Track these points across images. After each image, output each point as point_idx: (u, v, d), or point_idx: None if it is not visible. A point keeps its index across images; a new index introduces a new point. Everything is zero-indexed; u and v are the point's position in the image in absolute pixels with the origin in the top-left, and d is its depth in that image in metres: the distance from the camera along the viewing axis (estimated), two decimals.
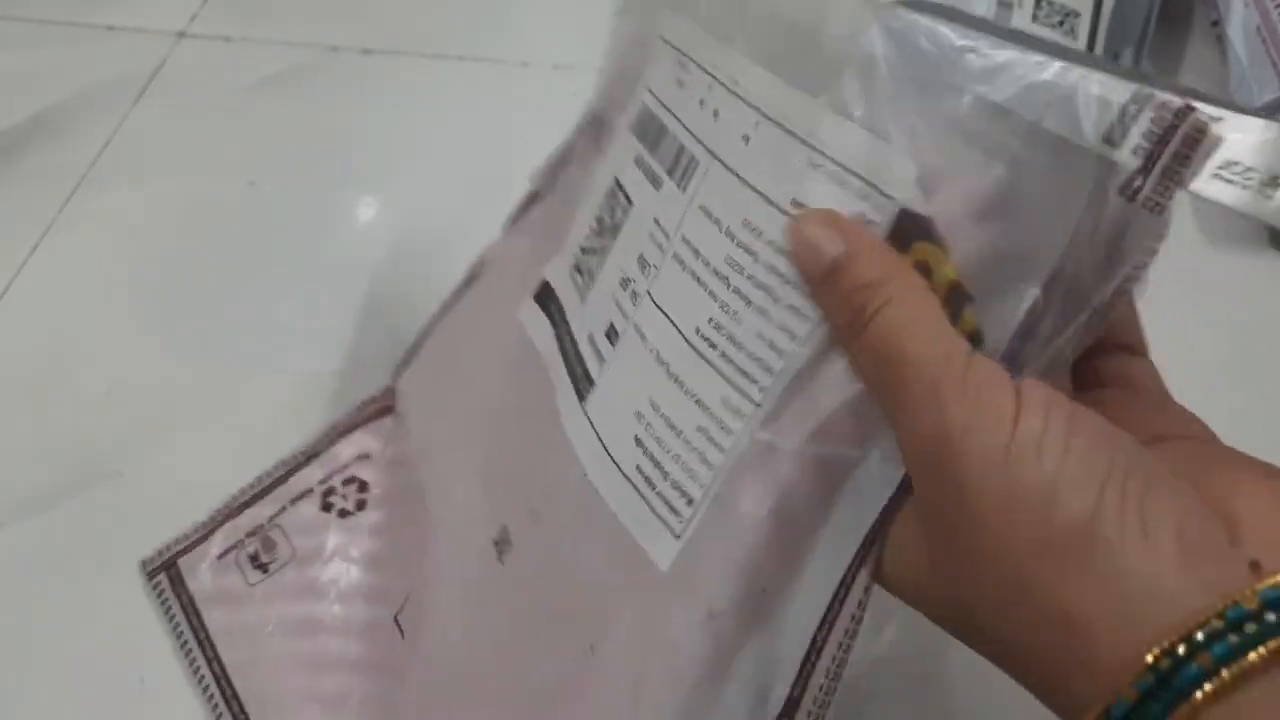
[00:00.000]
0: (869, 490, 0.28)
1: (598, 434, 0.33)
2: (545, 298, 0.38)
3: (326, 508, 0.42)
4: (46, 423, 0.48)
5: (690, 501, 0.30)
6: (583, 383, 0.34)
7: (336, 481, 0.43)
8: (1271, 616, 0.20)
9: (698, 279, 0.31)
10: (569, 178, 0.41)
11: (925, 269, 0.26)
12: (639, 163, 0.35)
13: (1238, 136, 0.25)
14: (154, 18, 0.66)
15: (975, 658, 0.25)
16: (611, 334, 0.33)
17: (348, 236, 0.54)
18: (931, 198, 0.26)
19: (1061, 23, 0.48)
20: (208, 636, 0.41)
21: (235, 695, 0.39)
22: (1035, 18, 0.48)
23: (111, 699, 0.40)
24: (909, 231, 0.26)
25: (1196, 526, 0.21)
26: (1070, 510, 0.22)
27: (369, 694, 0.39)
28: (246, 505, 0.43)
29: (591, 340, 0.34)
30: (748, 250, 0.29)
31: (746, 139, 0.30)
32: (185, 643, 0.41)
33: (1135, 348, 0.30)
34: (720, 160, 0.31)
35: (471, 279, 0.43)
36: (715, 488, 0.29)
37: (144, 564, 0.42)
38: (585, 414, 0.33)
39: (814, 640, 0.28)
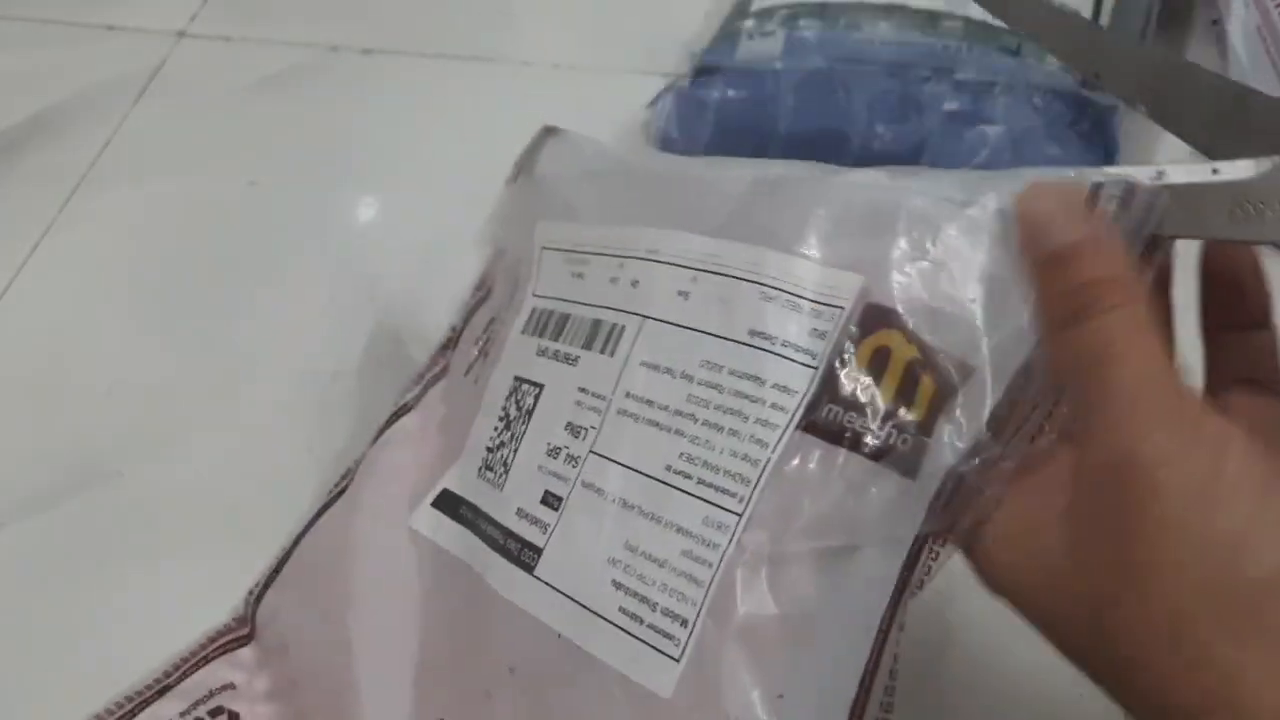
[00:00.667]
0: (873, 579, 0.28)
1: (564, 594, 0.33)
2: (450, 504, 0.38)
3: None
4: (47, 422, 0.48)
5: (684, 623, 0.30)
6: (526, 554, 0.34)
7: (202, 712, 0.39)
8: None
9: (656, 424, 0.32)
10: (438, 394, 0.42)
11: (885, 353, 0.28)
12: (542, 353, 0.37)
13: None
14: (154, 17, 0.66)
15: (977, 657, 0.25)
16: (550, 500, 0.34)
17: (348, 236, 0.54)
18: (882, 294, 0.29)
19: None
20: None
21: None
22: None
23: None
24: (871, 323, 0.29)
25: None
26: (1262, 565, 0.21)
27: None
28: None
29: (523, 514, 0.35)
30: (710, 385, 0.32)
31: (684, 294, 0.33)
32: None
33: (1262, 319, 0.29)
34: (654, 319, 0.34)
35: (337, 494, 0.42)
36: (707, 601, 0.30)
37: None
38: (540, 580, 0.34)
39: None
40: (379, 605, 0.38)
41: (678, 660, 0.30)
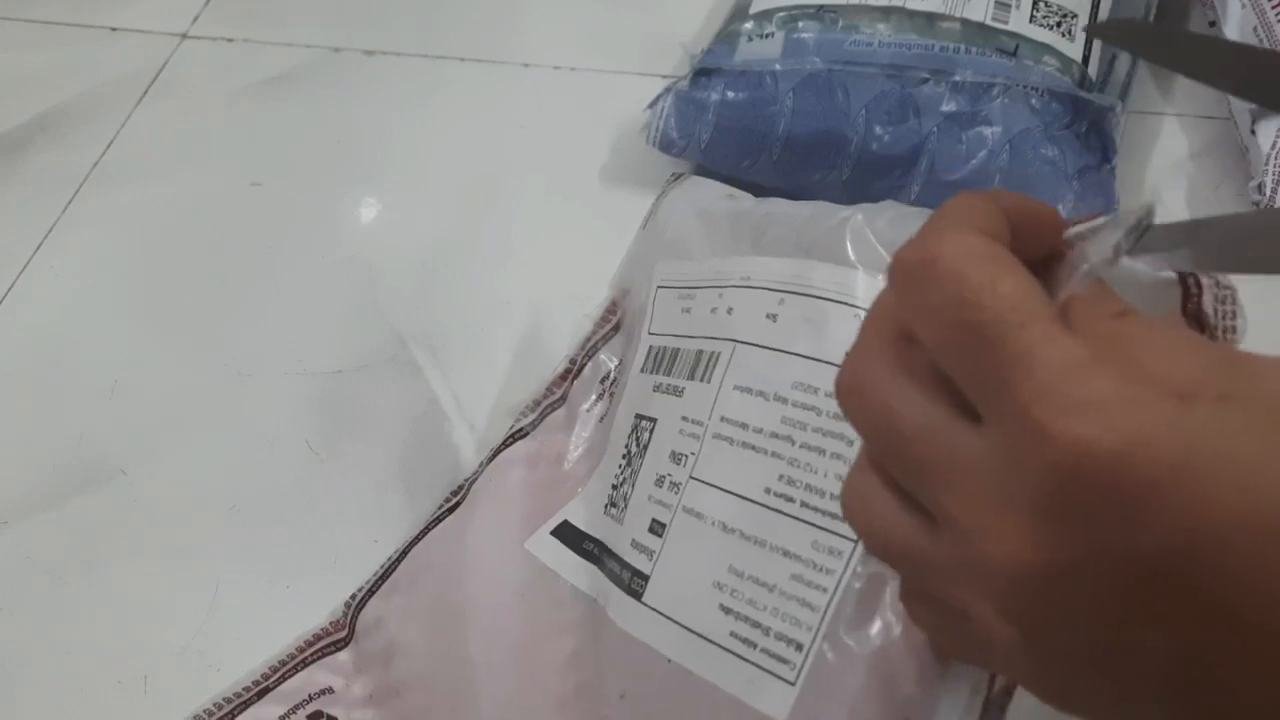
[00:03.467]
0: None
1: (672, 620, 0.33)
2: (573, 537, 0.39)
3: None
4: (50, 422, 0.48)
5: (799, 647, 0.30)
6: (636, 582, 0.35)
7: (301, 716, 0.39)
8: None
9: (752, 447, 0.33)
10: (554, 423, 0.43)
11: None
12: (656, 389, 0.37)
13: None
14: (157, 19, 0.66)
15: None
16: (655, 528, 0.35)
17: (350, 237, 0.55)
18: None
19: (1059, 23, 0.48)
20: None
21: None
22: (1033, 18, 0.48)
23: (115, 699, 0.40)
24: None
25: None
26: None
27: None
28: None
29: (636, 544, 0.35)
30: (805, 407, 0.32)
31: (773, 316, 0.34)
32: None
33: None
34: (745, 343, 0.34)
35: (449, 509, 0.42)
36: (824, 626, 0.30)
37: None
38: (648, 607, 0.34)
39: None
40: (491, 621, 0.39)
41: (793, 684, 0.30)
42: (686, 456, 0.35)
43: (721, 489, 0.33)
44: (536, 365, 0.47)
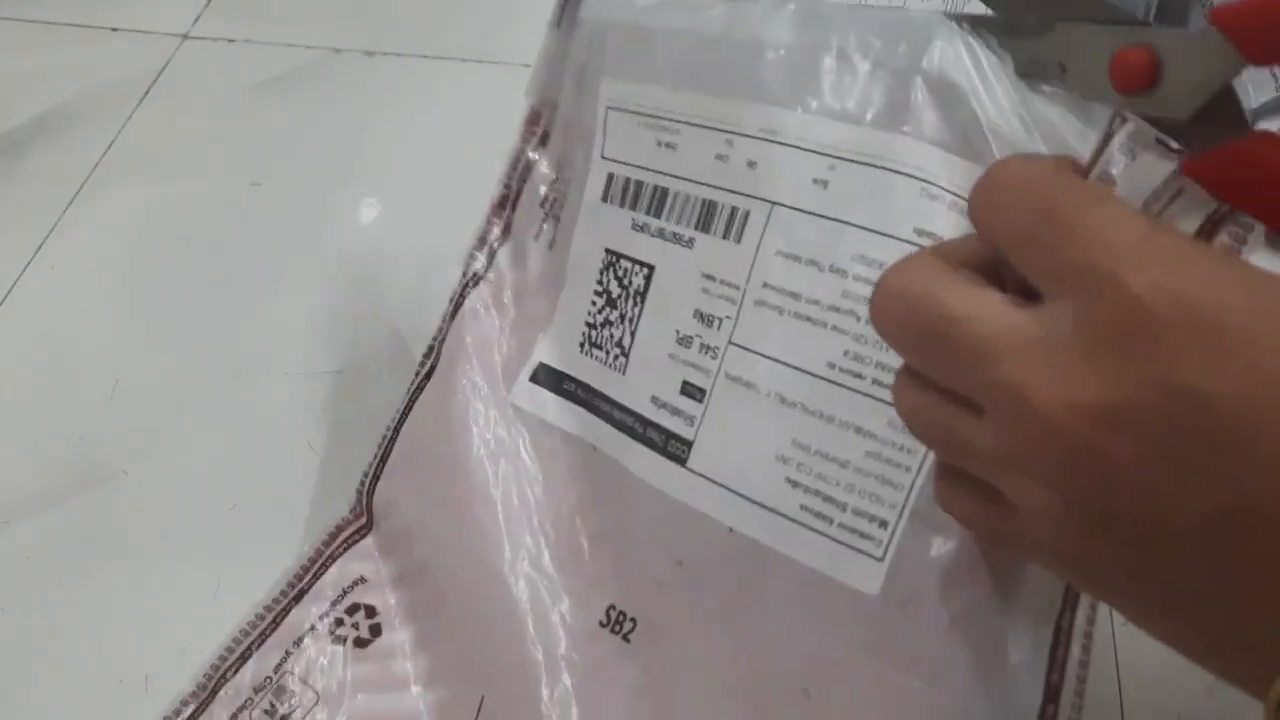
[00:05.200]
0: None
1: (728, 489, 0.32)
2: (551, 379, 0.38)
3: (339, 640, 0.39)
4: (50, 422, 0.48)
5: (883, 524, 0.30)
6: (672, 445, 0.34)
7: (340, 612, 0.39)
8: None
9: (809, 319, 0.31)
10: (505, 258, 0.41)
11: None
12: (640, 229, 0.35)
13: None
14: (158, 19, 0.66)
15: None
16: (691, 391, 0.34)
17: (350, 237, 0.55)
18: None
19: None
20: None
21: None
22: None
23: (116, 699, 0.40)
24: None
25: None
26: None
27: None
28: (242, 661, 0.39)
29: (661, 404, 0.34)
30: (870, 282, 0.30)
31: (822, 183, 0.31)
32: None
33: None
34: (786, 206, 0.32)
35: (425, 376, 0.41)
36: (909, 505, 0.29)
37: None
38: (693, 473, 0.33)
39: (1057, 626, 0.28)
40: (497, 483, 0.38)
41: (881, 560, 0.30)
42: (719, 320, 0.33)
43: (775, 360, 0.32)
44: None
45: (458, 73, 0.61)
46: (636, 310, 0.35)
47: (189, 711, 0.38)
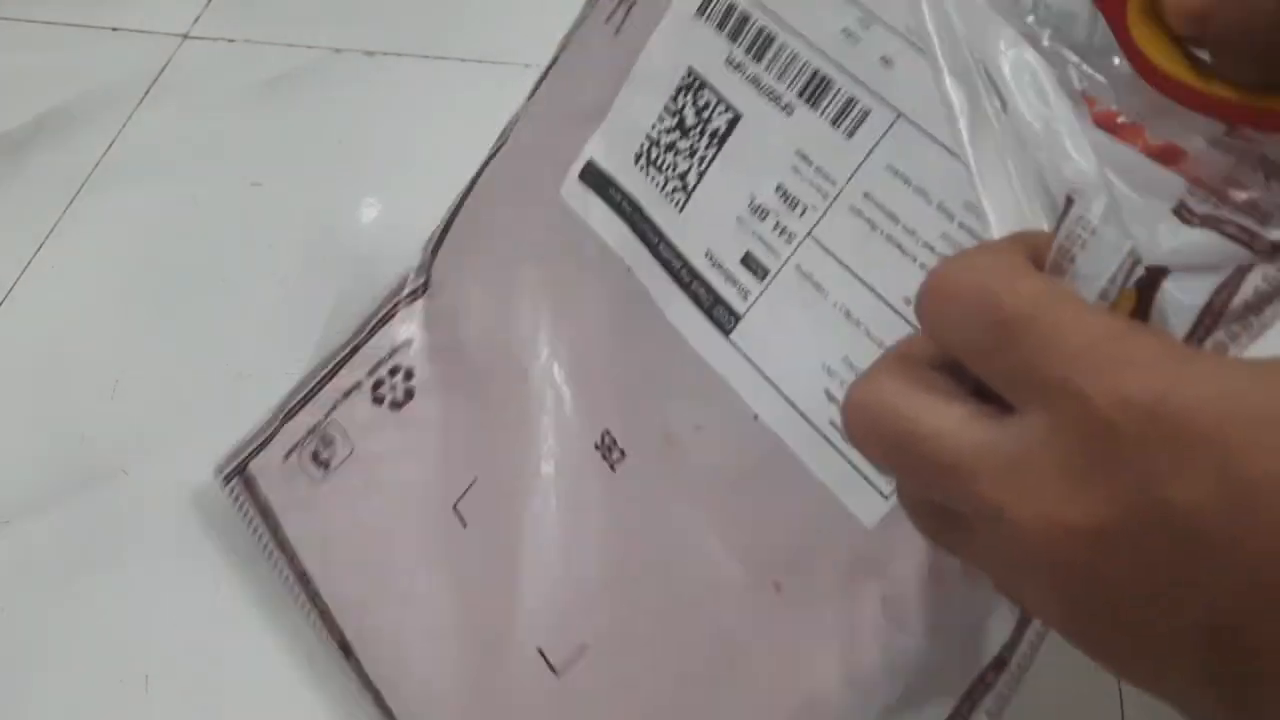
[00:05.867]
0: None
1: (766, 377, 0.32)
2: (598, 181, 0.36)
3: (378, 400, 0.41)
4: (51, 421, 0.48)
5: None
6: (719, 311, 0.33)
7: (383, 372, 0.41)
8: None
9: (900, 247, 0.30)
10: (580, 41, 0.39)
11: None
12: (736, 68, 0.33)
13: None
14: (158, 19, 0.66)
15: None
16: (754, 266, 0.32)
17: (350, 237, 0.55)
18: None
19: (1058, 26, 0.48)
20: (286, 541, 0.40)
21: (319, 597, 0.39)
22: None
23: (116, 699, 0.40)
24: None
25: None
26: None
27: (435, 586, 0.38)
28: (302, 404, 0.42)
29: (716, 263, 0.33)
30: (974, 235, 0.28)
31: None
32: (267, 548, 0.41)
33: None
34: (913, 122, 0.30)
35: (500, 143, 0.41)
36: None
37: (218, 469, 0.42)
38: (735, 347, 0.32)
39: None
40: (540, 282, 0.38)
41: (886, 498, 0.30)
42: (805, 207, 0.31)
43: (852, 271, 0.30)
44: None
45: (458, 73, 0.61)
46: (711, 152, 0.34)
47: (260, 439, 0.42)
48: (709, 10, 0.34)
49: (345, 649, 0.39)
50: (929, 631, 0.29)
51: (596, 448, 0.36)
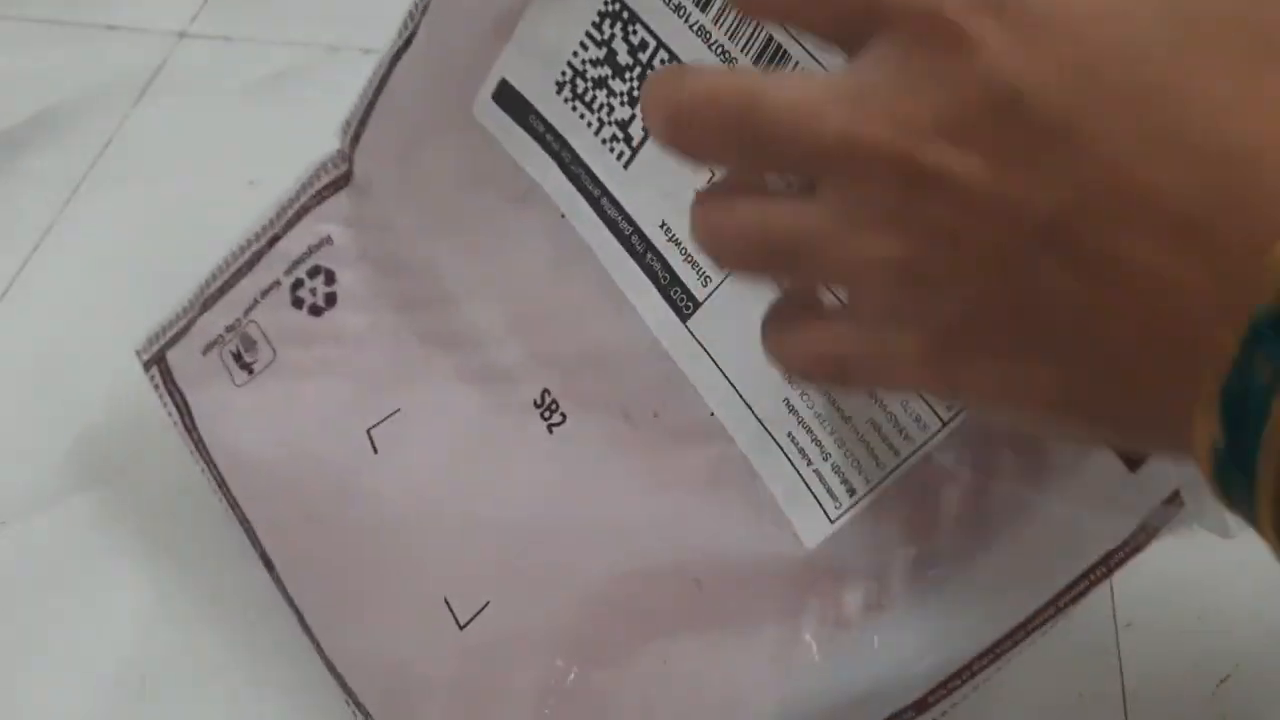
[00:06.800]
0: (1062, 536, 0.26)
1: (723, 373, 0.30)
2: (515, 105, 0.33)
3: (297, 304, 0.38)
4: (48, 421, 0.48)
5: (852, 492, 0.29)
6: (676, 293, 0.31)
7: (302, 272, 0.38)
8: None
9: None
10: None
11: None
12: (677, 10, 0.30)
13: None
14: (155, 17, 0.66)
15: None
16: None
17: None
18: None
19: None
20: (201, 440, 0.39)
21: (237, 505, 0.39)
22: None
23: (114, 699, 0.40)
24: None
25: None
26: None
27: (346, 515, 0.36)
28: (218, 295, 0.39)
29: (671, 237, 0.31)
30: None
31: None
32: (189, 444, 0.40)
33: None
34: None
35: (407, 36, 0.37)
36: (882, 487, 0.28)
37: (139, 353, 0.40)
38: (693, 336, 0.30)
39: (973, 661, 0.28)
40: (473, 214, 0.35)
41: (832, 522, 0.29)
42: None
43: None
44: None
45: None
46: None
47: (178, 328, 0.39)
48: None
49: (267, 563, 0.38)
50: (851, 661, 0.29)
51: (535, 405, 0.34)
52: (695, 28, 0.30)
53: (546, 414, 0.34)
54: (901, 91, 0.20)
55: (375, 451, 0.36)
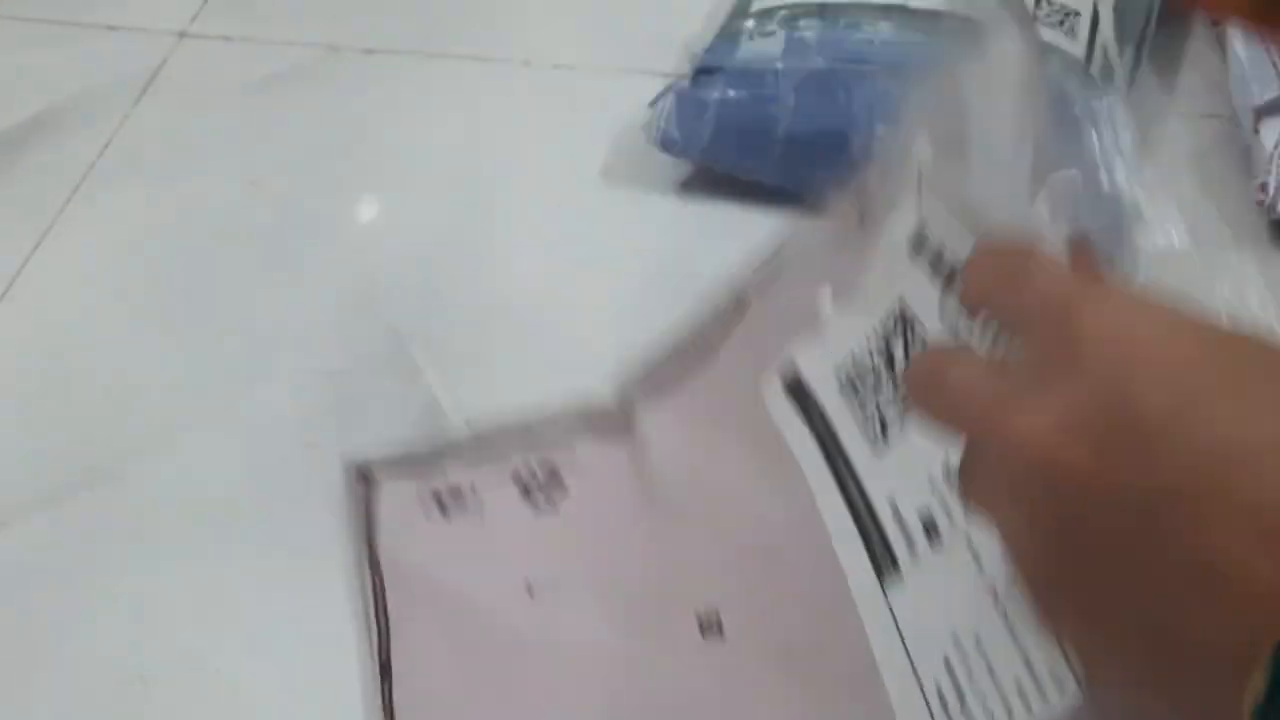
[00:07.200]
0: None
1: (900, 632, 0.33)
2: (800, 396, 0.38)
3: (524, 492, 0.42)
4: (48, 422, 0.48)
5: None
6: (884, 562, 0.34)
7: (537, 466, 0.43)
8: None
9: None
10: (818, 237, 0.40)
11: None
12: (942, 314, 0.33)
13: None
14: (155, 17, 0.66)
15: None
16: (931, 528, 0.33)
17: (348, 236, 0.54)
18: None
19: (1062, 22, 0.48)
20: (375, 550, 0.42)
21: (383, 614, 0.40)
22: (1036, 17, 0.48)
23: (113, 699, 0.40)
24: None
25: None
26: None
27: (495, 658, 0.39)
28: (455, 457, 0.44)
29: (897, 514, 0.34)
30: None
31: None
32: (360, 553, 0.42)
33: None
34: None
35: (740, 308, 0.43)
36: None
37: (348, 461, 0.44)
38: (886, 601, 0.33)
39: None
40: (737, 468, 0.40)
41: None
42: None
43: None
44: (536, 365, 0.47)
45: (456, 70, 0.61)
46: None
47: (396, 462, 0.44)
48: (919, 248, 0.34)
49: (385, 670, 0.39)
50: None
51: (697, 616, 0.38)
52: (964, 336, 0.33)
53: (704, 627, 0.38)
54: (1031, 387, 0.25)
55: (531, 597, 0.40)
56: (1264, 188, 0.47)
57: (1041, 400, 0.24)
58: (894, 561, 0.34)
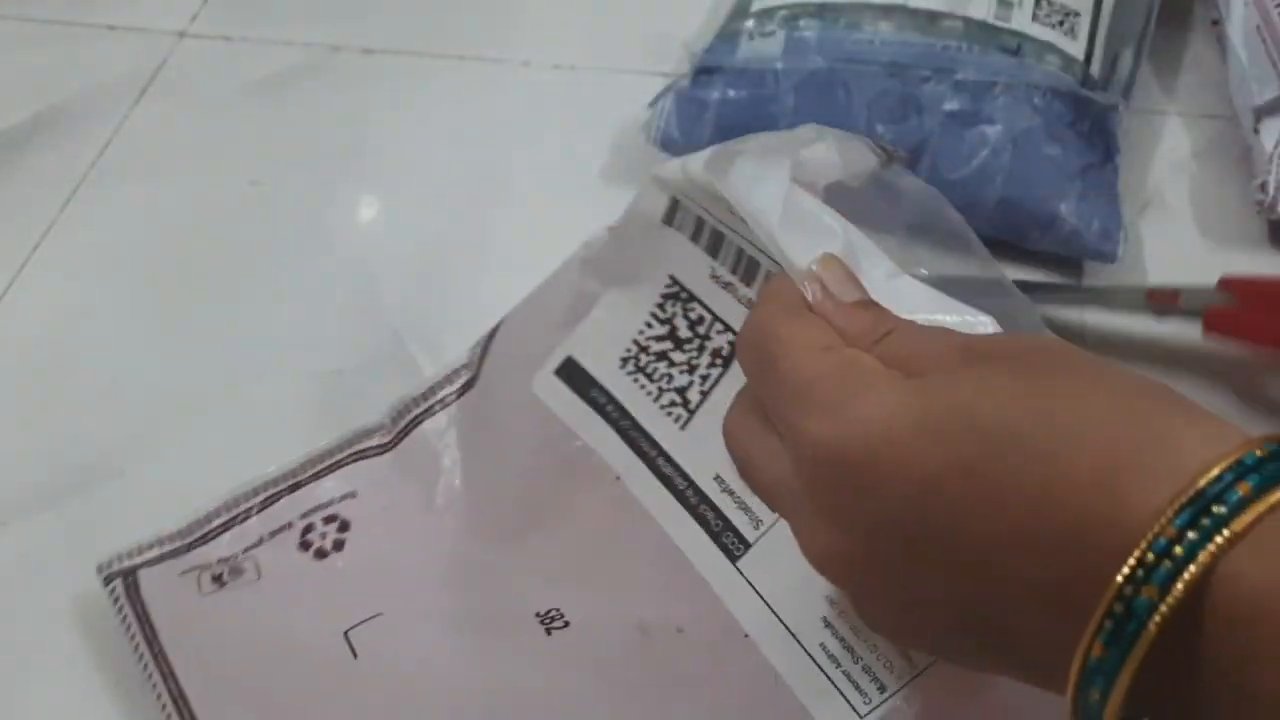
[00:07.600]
0: None
1: (767, 603, 0.33)
2: (578, 379, 0.37)
3: (304, 546, 0.39)
4: (48, 422, 0.48)
5: (883, 689, 0.30)
6: (728, 537, 0.34)
7: (317, 519, 0.40)
8: None
9: None
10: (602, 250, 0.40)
11: None
12: (725, 286, 0.34)
13: None
14: (155, 17, 0.66)
15: None
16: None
17: (349, 236, 0.54)
18: None
19: (1062, 22, 0.48)
20: (162, 650, 0.38)
21: (184, 697, 0.37)
22: (1035, 17, 0.48)
23: (112, 700, 0.40)
24: None
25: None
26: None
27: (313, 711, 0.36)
28: (221, 530, 0.40)
29: (727, 489, 0.34)
30: None
31: None
32: (144, 661, 0.38)
33: None
34: None
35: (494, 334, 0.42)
36: (912, 684, 0.29)
37: (99, 568, 0.40)
38: (741, 574, 0.33)
39: None
40: (517, 478, 0.38)
41: (861, 717, 0.30)
42: None
43: None
44: None
45: (456, 71, 0.61)
46: (715, 371, 0.35)
47: (164, 551, 0.40)
48: (676, 219, 0.35)
49: None
50: None
51: (540, 617, 0.36)
52: (743, 300, 0.34)
53: (546, 621, 0.36)
54: (812, 512, 0.26)
55: (355, 656, 0.36)
56: (1264, 187, 0.47)
57: (816, 521, 0.26)
58: (739, 537, 0.33)
